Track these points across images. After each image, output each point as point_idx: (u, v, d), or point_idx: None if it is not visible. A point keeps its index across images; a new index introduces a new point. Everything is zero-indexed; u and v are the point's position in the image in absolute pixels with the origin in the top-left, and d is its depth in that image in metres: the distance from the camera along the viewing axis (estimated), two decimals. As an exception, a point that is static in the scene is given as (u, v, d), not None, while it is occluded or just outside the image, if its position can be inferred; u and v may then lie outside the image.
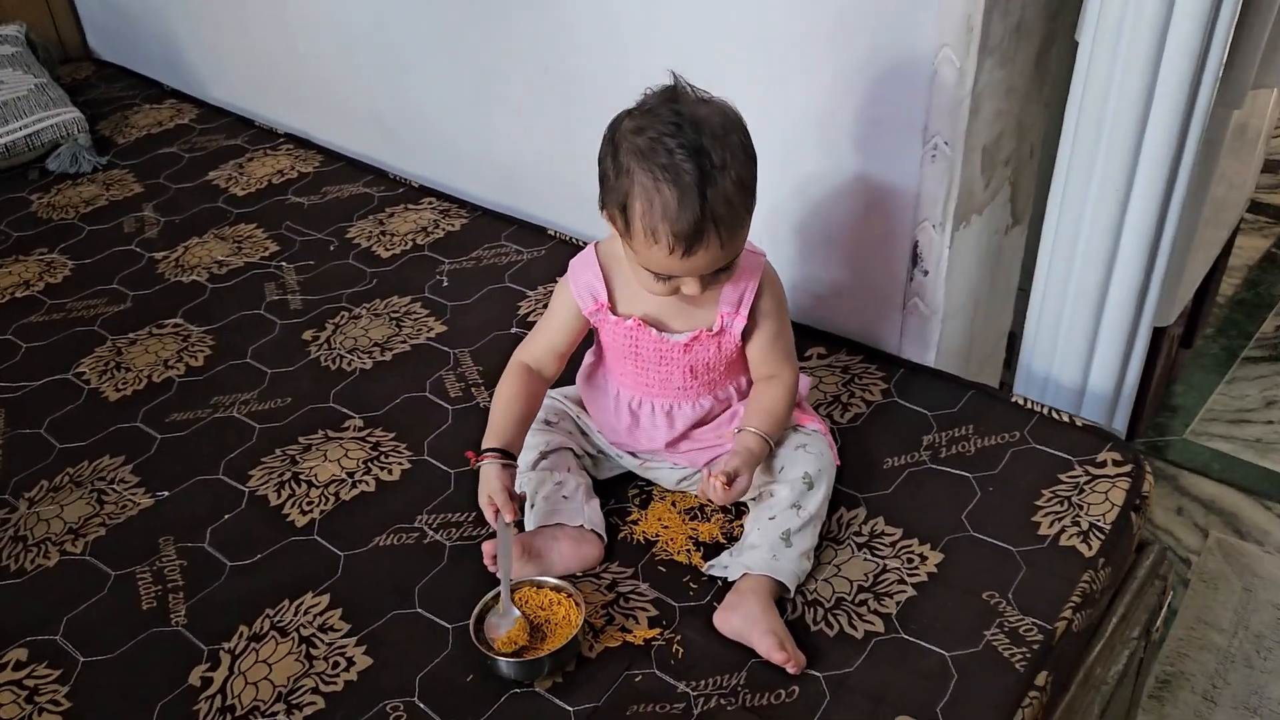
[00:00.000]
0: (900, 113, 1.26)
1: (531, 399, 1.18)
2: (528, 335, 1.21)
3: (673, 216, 0.98)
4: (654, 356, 1.15)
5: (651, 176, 0.99)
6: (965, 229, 1.33)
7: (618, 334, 1.15)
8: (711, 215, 0.99)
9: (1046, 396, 1.42)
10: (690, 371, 1.15)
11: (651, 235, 1.00)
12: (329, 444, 1.34)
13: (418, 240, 1.76)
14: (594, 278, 1.15)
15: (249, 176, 1.98)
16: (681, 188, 0.98)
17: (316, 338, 1.54)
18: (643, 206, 1.00)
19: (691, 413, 1.18)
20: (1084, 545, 1.13)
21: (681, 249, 1.00)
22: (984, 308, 1.48)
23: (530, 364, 1.19)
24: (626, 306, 1.14)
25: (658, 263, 1.03)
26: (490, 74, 1.72)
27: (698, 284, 1.05)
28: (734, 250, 1.04)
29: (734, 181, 1.00)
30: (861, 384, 1.38)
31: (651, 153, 0.99)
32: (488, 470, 1.11)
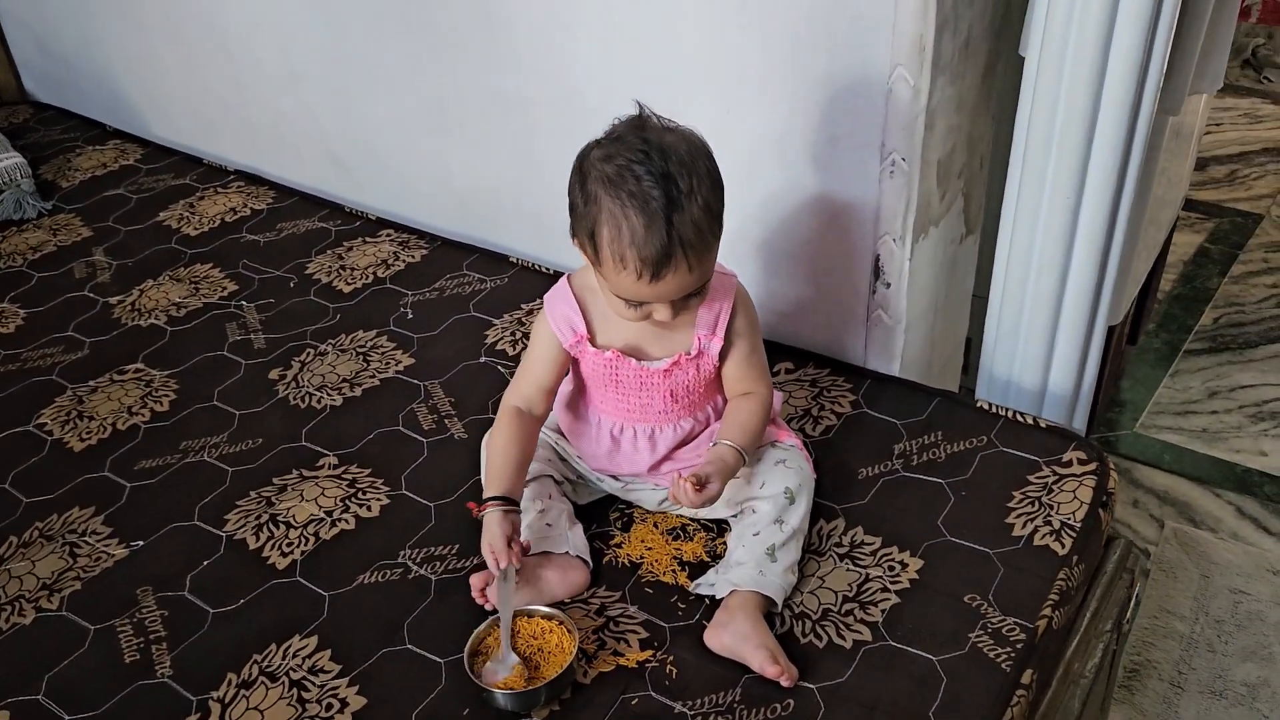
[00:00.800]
0: (857, 131, 1.29)
1: (526, 441, 1.18)
2: (513, 377, 1.21)
3: (640, 242, 1.00)
4: (634, 384, 1.16)
5: (619, 204, 1.01)
6: (924, 240, 1.37)
7: (597, 364, 1.17)
8: (679, 240, 1.00)
9: (1009, 399, 1.46)
10: (670, 396, 1.17)
11: (620, 262, 1.02)
12: (304, 483, 1.34)
13: (378, 273, 1.75)
14: (571, 310, 1.16)
15: (200, 215, 1.96)
16: (648, 214, 1.00)
17: (283, 376, 1.53)
18: (610, 234, 1.01)
19: (673, 435, 1.19)
20: (1057, 544, 1.17)
21: (649, 274, 1.02)
22: (943, 316, 1.52)
23: (521, 406, 1.19)
24: (605, 336, 1.16)
25: (627, 289, 1.04)
26: (444, 103, 1.73)
27: (669, 310, 1.06)
28: (703, 274, 1.06)
29: (701, 207, 1.02)
30: (830, 396, 1.41)
31: (619, 180, 1.01)
32: (490, 519, 1.11)
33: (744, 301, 1.17)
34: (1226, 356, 2.23)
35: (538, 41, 1.54)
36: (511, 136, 1.68)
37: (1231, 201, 2.77)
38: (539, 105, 1.60)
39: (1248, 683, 1.56)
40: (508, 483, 1.14)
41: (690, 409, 1.18)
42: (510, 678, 1.04)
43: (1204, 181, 2.83)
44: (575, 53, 1.51)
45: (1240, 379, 2.17)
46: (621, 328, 1.15)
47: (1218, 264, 2.53)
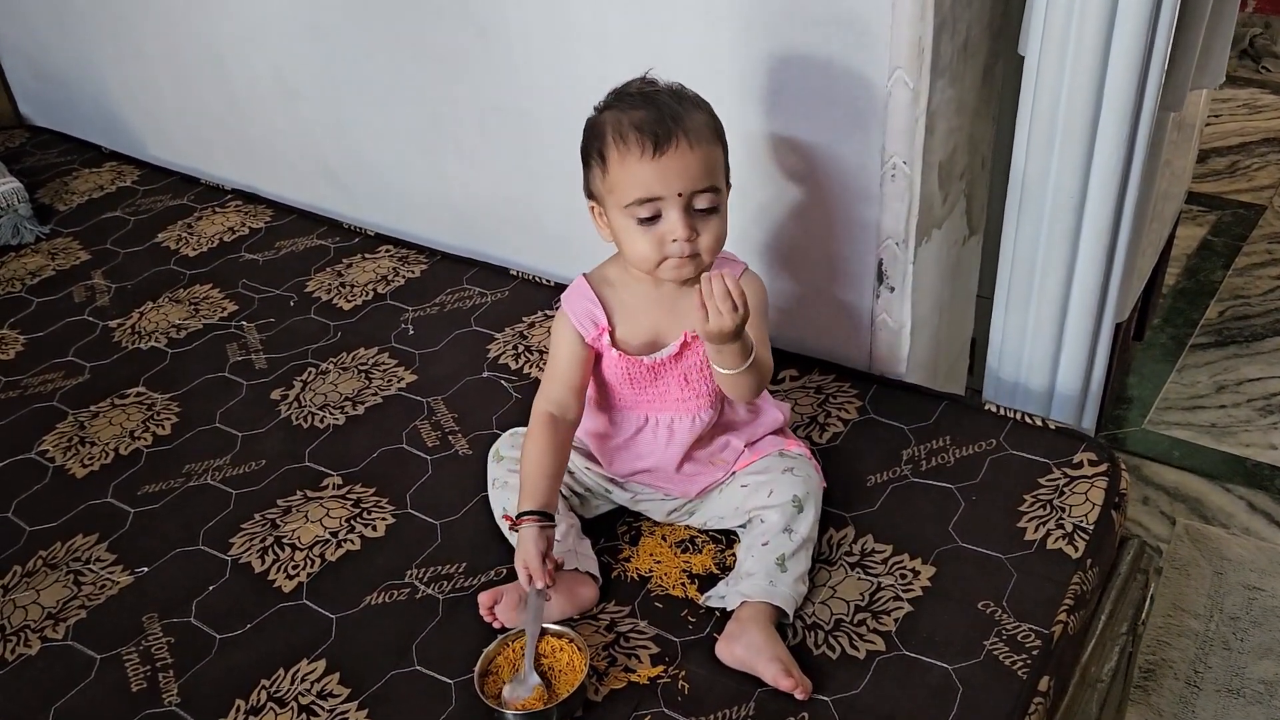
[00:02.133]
0: (857, 135, 1.28)
1: (561, 449, 1.16)
2: (541, 383, 1.20)
3: (639, 123, 1.05)
4: (647, 376, 1.16)
5: (620, 109, 1.07)
6: (927, 244, 1.36)
7: (610, 363, 1.16)
8: (680, 121, 1.05)
9: (1016, 401, 1.45)
10: (684, 380, 1.16)
11: (624, 145, 1.05)
12: (309, 504, 1.33)
13: (378, 290, 1.74)
14: (591, 304, 1.16)
15: (199, 236, 1.95)
16: (647, 104, 1.06)
17: (285, 396, 1.52)
18: (613, 132, 1.06)
19: (689, 426, 1.18)
20: (1070, 547, 1.16)
21: (652, 148, 1.04)
22: (947, 318, 1.51)
23: (554, 411, 1.17)
24: (625, 327, 1.16)
25: (634, 180, 1.05)
26: (439, 118, 1.72)
27: (682, 220, 1.06)
28: (709, 167, 1.07)
29: (704, 113, 1.09)
30: (836, 403, 1.40)
31: (619, 97, 1.09)
32: (525, 534, 1.10)
33: (749, 283, 1.15)
34: (1233, 350, 2.22)
35: (532, 55, 1.54)
36: (508, 150, 1.67)
37: (1233, 193, 2.75)
38: (535, 118, 1.59)
39: (1265, 680, 1.54)
40: (544, 496, 1.13)
41: (706, 397, 1.17)
42: (529, 699, 1.02)
43: (1205, 174, 2.82)
44: (571, 65, 1.50)
45: (1247, 372, 2.15)
46: (641, 316, 1.14)
47: (1221, 257, 2.52)
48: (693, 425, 1.18)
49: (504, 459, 1.26)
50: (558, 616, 1.12)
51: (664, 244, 1.07)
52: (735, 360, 1.06)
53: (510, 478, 1.23)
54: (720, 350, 1.05)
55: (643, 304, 1.15)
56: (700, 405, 1.17)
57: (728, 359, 1.06)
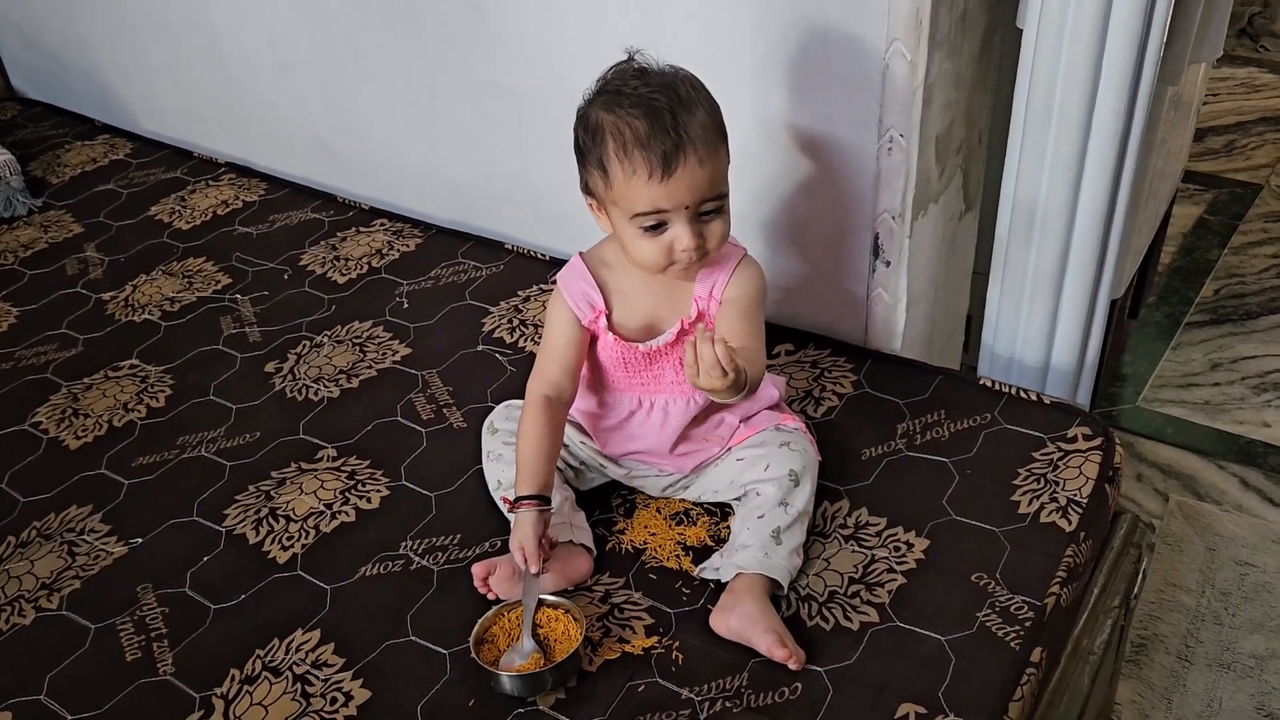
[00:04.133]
0: (854, 108, 1.28)
1: (556, 430, 1.16)
2: (535, 364, 1.19)
3: (644, 139, 1.01)
4: (642, 361, 1.15)
5: (621, 116, 1.02)
6: (923, 218, 1.36)
7: (605, 347, 1.16)
8: (685, 133, 1.01)
9: (1011, 376, 1.45)
10: (680, 364, 1.16)
11: (629, 165, 1.02)
12: (303, 476, 1.33)
13: (373, 263, 1.74)
14: (587, 285, 1.15)
15: (192, 209, 1.94)
16: (651, 115, 1.01)
17: (279, 369, 1.52)
18: (615, 145, 1.02)
19: (684, 409, 1.18)
20: (1064, 520, 1.16)
21: (660, 169, 1.01)
22: (943, 293, 1.51)
23: (549, 393, 1.16)
24: (621, 311, 1.15)
25: (641, 197, 1.03)
26: (433, 93, 1.71)
27: (690, 232, 1.05)
28: (716, 178, 1.05)
29: (704, 110, 1.04)
30: (831, 377, 1.40)
31: (618, 98, 1.03)
32: (522, 518, 1.10)
33: (746, 271, 1.15)
34: (1228, 328, 2.22)
35: (527, 31, 1.53)
36: (503, 126, 1.66)
37: (1230, 172, 2.75)
38: (529, 94, 1.58)
39: (1256, 654, 1.55)
40: (541, 478, 1.13)
41: None
42: (525, 665, 1.03)
43: (1202, 152, 2.81)
44: (564, 41, 1.49)
45: (1242, 350, 2.16)
46: (637, 300, 1.14)
47: (1217, 235, 2.52)
48: (687, 407, 1.18)
49: (498, 431, 1.26)
50: (552, 589, 1.13)
51: (671, 252, 1.07)
52: (726, 398, 1.05)
53: (504, 450, 1.23)
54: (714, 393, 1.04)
55: (640, 289, 1.15)
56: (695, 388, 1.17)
57: (719, 396, 1.05)
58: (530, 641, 1.05)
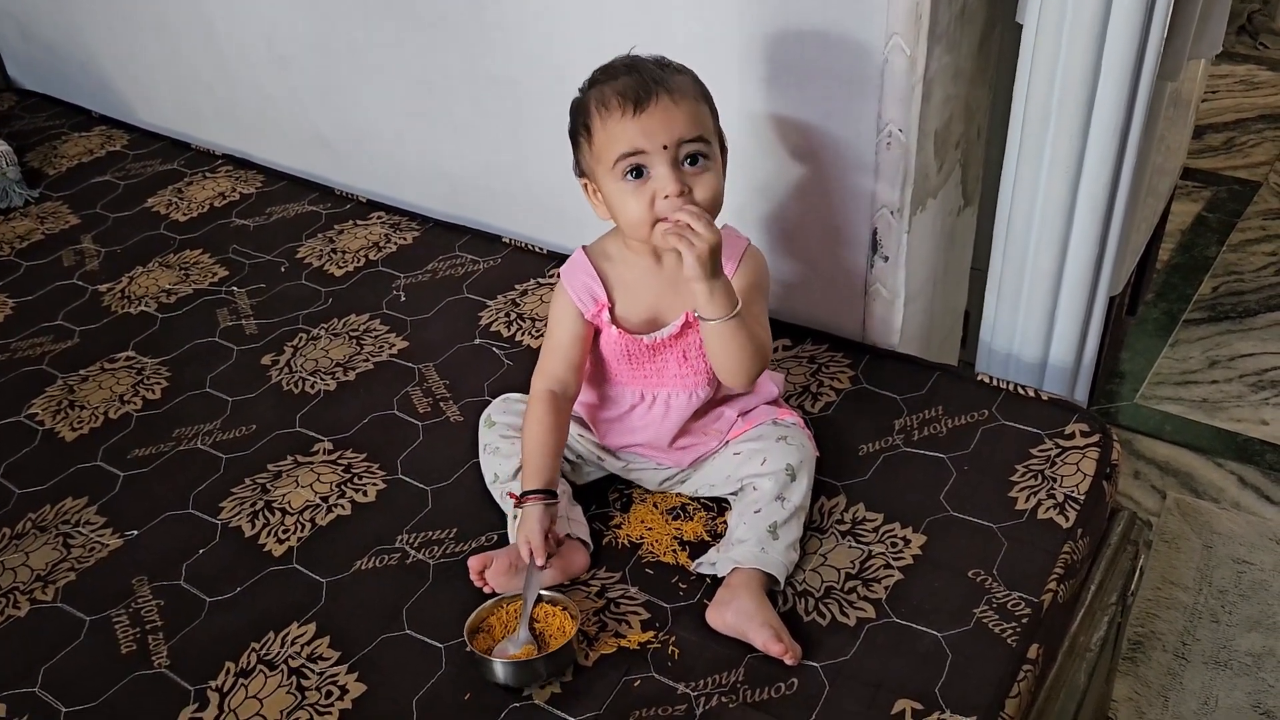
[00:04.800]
0: (853, 103, 1.27)
1: (561, 426, 1.16)
2: (539, 359, 1.19)
3: (620, 87, 1.04)
4: (646, 354, 1.15)
5: (601, 83, 1.07)
6: (921, 213, 1.35)
7: (608, 340, 1.16)
8: (659, 79, 1.04)
9: (1009, 373, 1.45)
10: (683, 357, 1.15)
11: (605, 110, 1.04)
12: (299, 469, 1.32)
13: (370, 256, 1.73)
14: (589, 279, 1.15)
15: (189, 201, 1.94)
16: (628, 71, 1.06)
17: (276, 362, 1.52)
18: (595, 102, 1.06)
19: (686, 402, 1.17)
20: (1061, 517, 1.16)
21: (632, 104, 1.03)
22: (941, 289, 1.51)
23: (554, 389, 1.16)
24: (625, 304, 1.15)
25: (617, 137, 1.04)
26: (431, 85, 1.71)
27: (670, 174, 1.04)
28: (694, 119, 1.05)
29: (685, 76, 1.08)
30: (829, 373, 1.39)
31: (601, 73, 1.08)
32: (529, 512, 1.10)
33: (750, 263, 1.15)
34: (1226, 325, 2.22)
35: (524, 23, 1.52)
36: (500, 118, 1.65)
37: (1229, 169, 2.74)
38: (527, 87, 1.58)
39: (1252, 652, 1.55)
40: (547, 473, 1.13)
41: (704, 374, 1.16)
42: (519, 655, 1.03)
43: (1201, 150, 2.81)
44: (562, 34, 1.48)
45: (1240, 348, 2.16)
46: (640, 292, 1.13)
47: (1216, 232, 2.51)
48: (689, 401, 1.17)
49: (495, 424, 1.25)
50: (549, 583, 1.12)
51: (655, 202, 1.06)
52: (725, 300, 1.04)
53: (502, 443, 1.23)
54: (712, 292, 1.04)
55: (643, 280, 1.15)
56: (698, 382, 1.17)
57: (719, 299, 1.04)
58: (526, 632, 1.05)
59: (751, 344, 1.08)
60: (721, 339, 1.07)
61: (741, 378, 1.11)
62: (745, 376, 1.10)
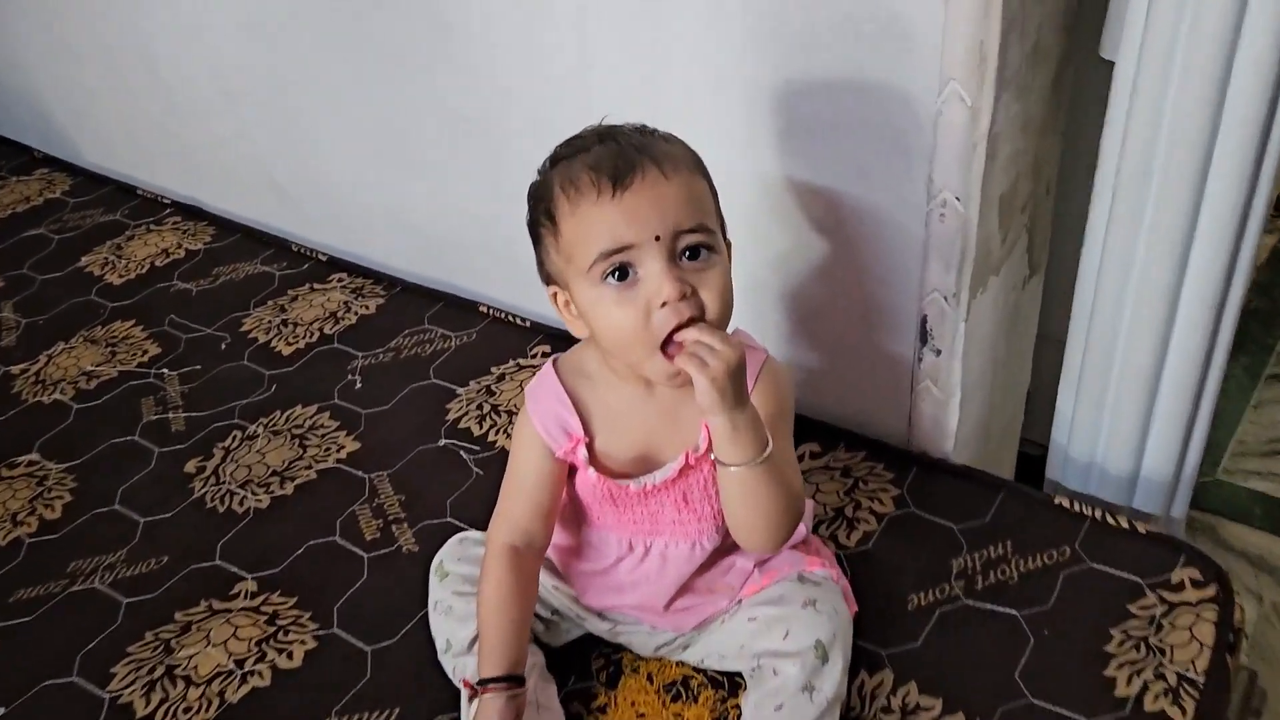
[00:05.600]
0: (897, 164, 1.01)
1: (527, 589, 0.91)
2: (499, 502, 0.93)
3: (592, 162, 0.79)
4: (634, 499, 0.90)
5: (568, 159, 0.81)
6: (982, 295, 1.09)
7: (584, 483, 0.90)
8: (643, 150, 0.79)
9: (1090, 486, 1.18)
10: (683, 500, 0.90)
11: (576, 192, 0.79)
12: (213, 620, 1.07)
13: (325, 330, 1.48)
14: (561, 406, 0.89)
15: (128, 260, 1.70)
16: (602, 141, 0.81)
17: (202, 469, 1.27)
18: (561, 183, 0.80)
19: (688, 554, 0.91)
20: (1175, 708, 0.89)
21: (610, 183, 0.77)
22: (1002, 376, 1.24)
23: (515, 543, 0.90)
24: (606, 436, 0.88)
25: (594, 230, 0.78)
26: (398, 126, 1.45)
27: (668, 272, 0.77)
28: (693, 199, 0.79)
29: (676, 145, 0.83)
30: (868, 490, 1.13)
31: (567, 146, 0.83)
32: (488, 705, 0.85)
33: (771, 382, 0.88)
34: (1319, 383, 1.93)
35: (497, 58, 1.26)
36: (477, 164, 1.40)
37: (1308, 196, 2.45)
38: (506, 128, 1.32)
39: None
40: (511, 654, 0.87)
41: (710, 519, 0.90)
42: None
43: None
44: (548, 72, 1.22)
45: (1337, 410, 1.87)
46: (627, 423, 0.88)
47: (1299, 270, 2.23)
48: (692, 553, 0.92)
49: (449, 576, 1.00)
50: (512, 794, 0.87)
51: (649, 314, 0.79)
52: (752, 439, 0.78)
53: (456, 602, 0.97)
54: (735, 429, 0.78)
55: (631, 407, 0.88)
56: (703, 529, 0.91)
57: (745, 438, 0.78)
58: None
59: (784, 494, 0.82)
60: (745, 489, 0.81)
61: (768, 540, 0.84)
62: (773, 539, 0.84)
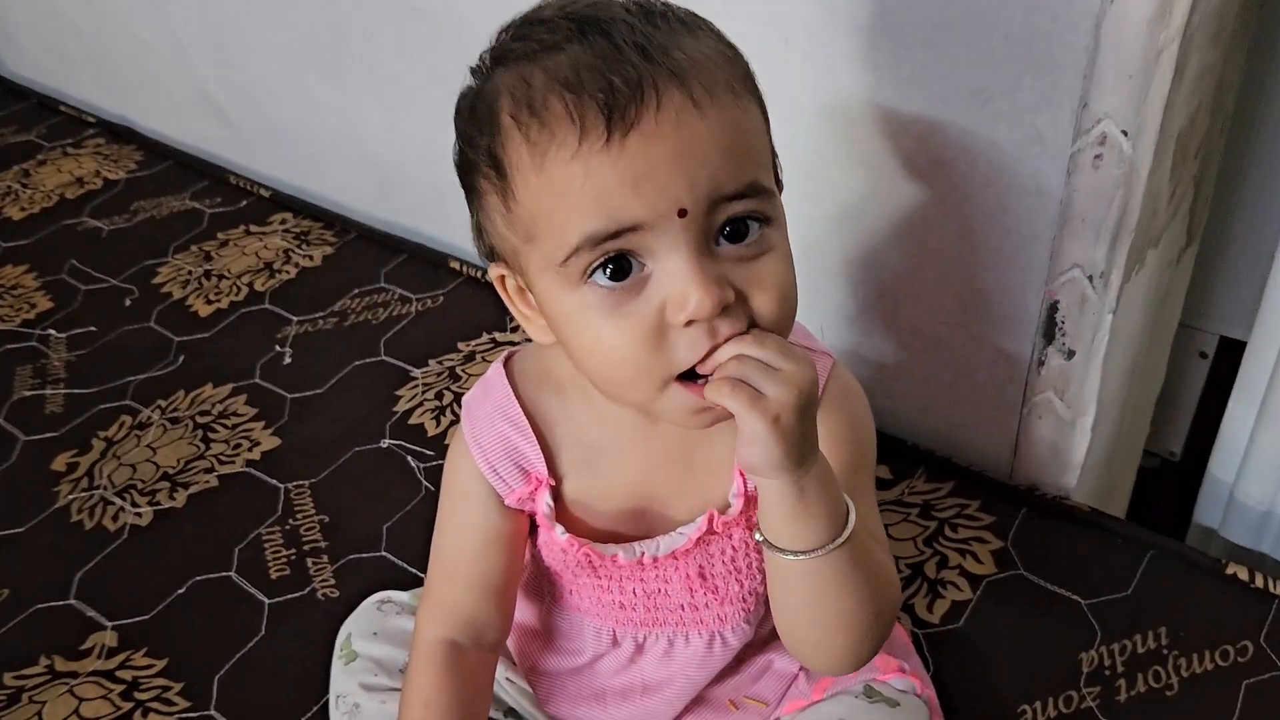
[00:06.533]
0: (1030, 82, 0.68)
1: (470, 710, 0.59)
2: (427, 574, 0.62)
3: (566, 73, 0.46)
4: (626, 569, 0.59)
5: (528, 59, 0.48)
6: (1138, 274, 0.76)
7: (550, 547, 0.59)
8: (653, 54, 0.45)
9: (1266, 540, 0.86)
10: (699, 577, 0.59)
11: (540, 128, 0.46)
12: (52, 687, 0.79)
13: (256, 286, 1.18)
14: (513, 429, 0.58)
15: (35, 189, 1.39)
16: (584, 34, 0.47)
17: (74, 466, 0.98)
18: (514, 107, 0.47)
19: (706, 654, 0.61)
20: None
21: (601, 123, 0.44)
22: (1140, 380, 0.92)
23: (455, 638, 0.59)
24: (582, 478, 0.58)
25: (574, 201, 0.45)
26: (342, 28, 1.13)
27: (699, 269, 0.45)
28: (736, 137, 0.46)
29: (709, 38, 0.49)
30: (957, 539, 0.82)
31: (525, 29, 0.50)
32: None
33: (841, 406, 0.56)
34: None
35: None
36: (439, 77, 1.07)
37: None
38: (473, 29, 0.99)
39: None
40: None
41: (739, 602, 0.59)
42: None
43: None
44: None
45: None
46: (619, 456, 0.56)
47: None
48: (709, 653, 0.61)
49: (357, 659, 0.69)
50: None
51: (663, 333, 0.46)
52: (828, 512, 0.47)
53: (366, 700, 0.67)
54: (803, 496, 0.47)
55: (621, 436, 0.57)
56: (727, 617, 0.60)
57: (815, 511, 0.47)
58: None
59: (869, 591, 0.50)
60: (812, 588, 0.50)
61: (844, 659, 0.52)
62: (851, 657, 0.52)
